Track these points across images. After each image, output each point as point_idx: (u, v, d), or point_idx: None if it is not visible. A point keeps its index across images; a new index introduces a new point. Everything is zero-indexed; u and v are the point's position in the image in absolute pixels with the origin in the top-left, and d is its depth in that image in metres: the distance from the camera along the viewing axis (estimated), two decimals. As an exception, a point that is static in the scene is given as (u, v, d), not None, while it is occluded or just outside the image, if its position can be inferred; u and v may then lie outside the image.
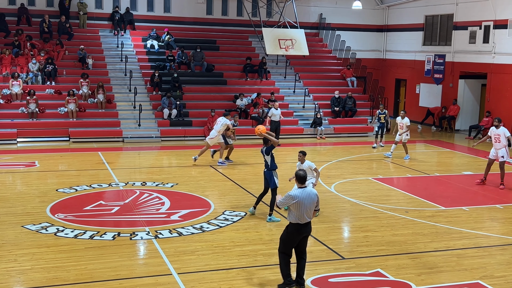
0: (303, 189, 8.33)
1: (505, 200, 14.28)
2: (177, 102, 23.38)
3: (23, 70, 23.66)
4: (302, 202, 8.19)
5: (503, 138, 15.07)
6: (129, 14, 27.78)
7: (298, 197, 8.20)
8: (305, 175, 8.42)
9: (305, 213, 8.24)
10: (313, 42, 29.60)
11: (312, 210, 8.37)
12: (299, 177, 8.37)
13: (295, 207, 8.23)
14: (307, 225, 8.33)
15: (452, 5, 27.04)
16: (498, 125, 15.25)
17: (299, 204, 8.19)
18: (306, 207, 8.23)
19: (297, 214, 8.24)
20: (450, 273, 9.36)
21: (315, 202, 8.37)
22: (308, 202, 8.24)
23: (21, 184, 15.00)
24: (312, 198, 8.30)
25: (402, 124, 19.42)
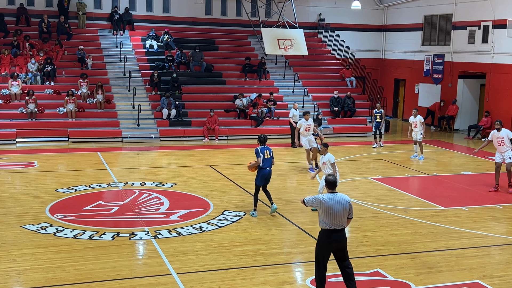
0: (333, 195, 7.91)
1: (504, 200, 14.29)
2: (176, 102, 23.37)
3: (22, 70, 23.64)
4: (330, 208, 7.79)
5: (506, 140, 14.69)
6: (128, 14, 27.77)
7: (326, 202, 7.82)
8: (335, 180, 8.00)
9: (335, 219, 7.82)
10: (312, 42, 29.61)
11: (344, 217, 7.88)
12: (328, 182, 8.00)
13: (323, 212, 7.85)
14: (338, 232, 7.88)
15: (451, 5, 27.06)
16: (500, 128, 14.79)
17: (327, 210, 7.80)
18: (336, 213, 7.80)
19: (326, 220, 7.85)
20: (449, 273, 9.37)
21: (347, 209, 7.89)
22: (338, 208, 7.81)
23: (20, 184, 14.99)
24: (343, 204, 7.84)
25: (415, 122, 19.08)
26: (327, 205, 7.82)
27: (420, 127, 19.02)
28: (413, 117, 19.23)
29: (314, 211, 12.97)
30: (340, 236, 7.93)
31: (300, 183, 15.91)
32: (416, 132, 19.12)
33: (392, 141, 23.95)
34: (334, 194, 7.95)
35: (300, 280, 9.10)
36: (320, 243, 8.00)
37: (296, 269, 9.59)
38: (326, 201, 7.84)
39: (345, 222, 7.97)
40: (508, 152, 14.75)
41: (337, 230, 7.89)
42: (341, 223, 7.89)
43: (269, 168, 12.32)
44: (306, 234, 11.18)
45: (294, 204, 13.38)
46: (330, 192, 7.97)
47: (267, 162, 12.27)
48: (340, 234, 7.93)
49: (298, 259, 9.98)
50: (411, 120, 19.32)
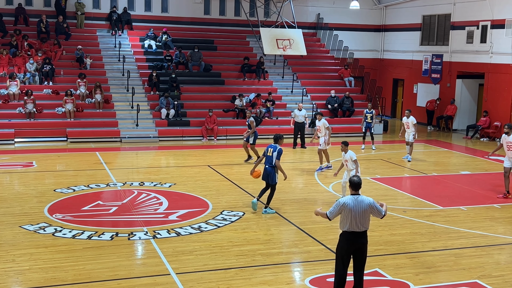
0: (355, 196, 7.82)
1: (503, 199, 14.29)
2: (175, 102, 23.37)
3: (21, 70, 23.63)
4: (351, 210, 7.70)
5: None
6: (127, 14, 27.76)
7: (347, 203, 7.75)
8: (359, 181, 7.88)
9: (356, 221, 7.73)
10: (310, 42, 29.62)
11: (366, 219, 7.80)
12: (352, 183, 7.89)
13: (344, 214, 7.78)
14: (359, 235, 7.81)
15: (449, 5, 27.08)
16: (509, 132, 14.05)
17: (348, 212, 7.73)
18: (357, 215, 7.72)
19: (347, 222, 7.78)
20: (448, 272, 9.37)
21: (368, 211, 7.79)
22: (359, 210, 7.72)
23: (19, 184, 14.97)
24: (363, 206, 7.75)
25: (408, 123, 18.89)
26: (348, 207, 7.75)
27: (413, 128, 18.77)
28: (406, 118, 19.05)
29: (313, 212, 12.98)
30: (360, 239, 7.85)
31: (300, 183, 15.90)
32: (408, 133, 18.92)
33: (391, 141, 23.97)
34: (357, 196, 7.87)
35: (299, 280, 9.10)
36: (341, 244, 7.93)
37: (295, 269, 9.59)
38: (348, 203, 7.78)
39: (367, 224, 7.87)
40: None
41: (356, 233, 7.82)
42: (361, 225, 7.81)
43: (267, 166, 12.46)
44: (305, 234, 11.18)
45: (293, 204, 13.39)
46: (353, 194, 7.92)
47: (267, 160, 12.47)
48: (360, 236, 7.85)
49: (297, 259, 9.98)
50: (403, 121, 19.16)
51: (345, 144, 13.13)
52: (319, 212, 8.11)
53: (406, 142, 19.23)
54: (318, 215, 8.11)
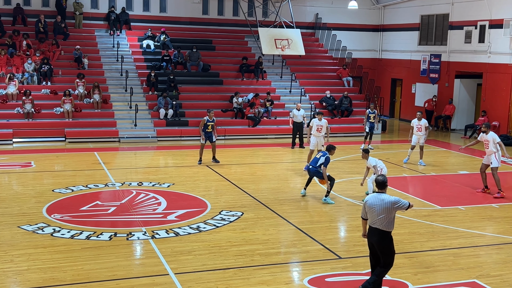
0: (378, 195, 8.16)
1: (501, 199, 14.31)
2: (173, 102, 23.36)
3: (19, 70, 23.60)
4: (370, 207, 8.10)
5: (491, 144, 14.37)
6: (125, 14, 27.74)
7: (367, 201, 8.18)
8: (384, 180, 8.21)
9: (373, 218, 8.07)
10: (309, 42, 29.62)
11: (385, 218, 8.00)
12: (377, 182, 8.26)
13: (367, 210, 8.20)
14: (376, 232, 8.08)
15: (447, 5, 27.10)
16: (486, 131, 14.49)
17: (368, 208, 8.15)
18: (376, 213, 8.03)
19: (369, 217, 8.21)
20: (447, 272, 9.38)
21: (389, 208, 7.98)
22: (379, 208, 8.00)
23: (17, 184, 14.96)
24: (383, 205, 7.99)
25: (420, 126, 18.14)
26: (367, 204, 8.18)
27: (425, 131, 18.22)
28: (417, 120, 18.31)
29: (312, 212, 12.99)
30: (375, 236, 8.12)
31: (298, 183, 15.90)
32: (420, 136, 18.24)
33: (389, 141, 23.99)
34: (379, 194, 8.18)
35: (297, 280, 9.10)
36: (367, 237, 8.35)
37: (293, 269, 9.59)
38: (368, 200, 8.22)
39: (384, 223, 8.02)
40: (492, 155, 14.42)
41: (373, 229, 8.13)
42: (378, 222, 8.06)
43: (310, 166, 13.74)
44: (304, 234, 11.19)
45: (291, 204, 13.39)
46: (378, 192, 8.23)
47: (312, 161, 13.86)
48: (375, 233, 8.11)
49: (296, 259, 9.98)
50: (414, 124, 18.39)
51: (366, 152, 13.76)
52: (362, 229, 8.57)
53: (412, 145, 18.42)
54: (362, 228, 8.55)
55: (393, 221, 8.11)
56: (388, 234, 8.10)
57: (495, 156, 14.44)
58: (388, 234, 8.10)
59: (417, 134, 18.29)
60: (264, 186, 15.25)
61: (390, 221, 8.06)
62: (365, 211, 8.28)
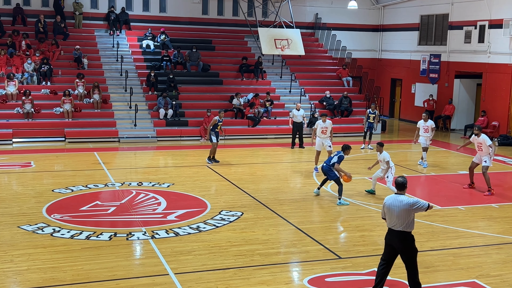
0: (396, 196, 8.12)
1: (501, 199, 14.33)
2: (173, 102, 23.36)
3: (19, 70, 23.60)
4: (389, 208, 8.06)
5: (484, 147, 14.68)
6: (125, 14, 27.74)
7: (385, 202, 8.16)
8: (404, 181, 8.14)
9: (393, 220, 8.03)
10: (308, 42, 29.62)
11: (404, 219, 7.97)
12: (397, 183, 8.21)
13: (386, 212, 8.18)
14: (395, 234, 8.05)
15: (447, 5, 27.11)
16: (478, 133, 14.80)
17: (386, 209, 8.12)
18: (394, 214, 8.00)
19: (387, 219, 8.18)
20: (447, 272, 9.39)
21: (406, 210, 7.95)
22: (397, 210, 7.97)
23: (17, 184, 14.96)
24: (401, 207, 7.96)
25: (427, 127, 17.96)
26: (386, 205, 8.16)
27: (431, 133, 18.08)
28: (424, 122, 18.11)
29: (312, 212, 12.99)
30: (395, 237, 8.08)
31: (298, 183, 15.91)
32: (426, 138, 18.06)
33: (389, 141, 23.98)
34: (397, 195, 8.14)
35: (297, 280, 9.10)
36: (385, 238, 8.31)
37: (293, 269, 9.59)
38: (386, 201, 8.19)
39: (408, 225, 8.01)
40: (485, 156, 14.79)
41: (393, 231, 8.09)
42: (398, 224, 8.01)
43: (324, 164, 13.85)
44: (303, 234, 11.19)
45: (291, 204, 13.39)
46: (396, 193, 8.17)
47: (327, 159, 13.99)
48: (395, 234, 8.07)
49: (296, 259, 9.98)
50: (420, 125, 18.18)
51: (380, 145, 14.26)
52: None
53: (424, 147, 18.16)
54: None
55: (413, 222, 8.10)
56: (409, 235, 8.07)
57: (488, 157, 14.75)
58: (409, 234, 8.07)
59: (424, 135, 18.13)
60: (264, 186, 15.26)
61: (410, 222, 8.04)
62: (384, 212, 8.28)
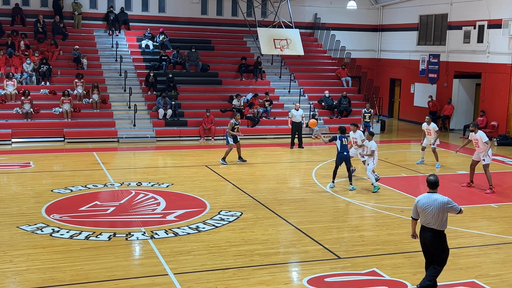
0: (429, 194, 8.24)
1: (500, 199, 14.34)
2: (172, 102, 23.35)
3: (18, 71, 23.58)
4: (423, 207, 8.15)
5: (481, 143, 14.80)
6: (124, 14, 27.73)
7: (418, 201, 8.24)
8: (436, 180, 8.28)
9: (427, 218, 8.14)
10: (308, 42, 29.63)
11: (439, 217, 8.10)
12: (428, 182, 8.31)
13: (419, 211, 8.26)
14: (429, 231, 8.19)
15: (446, 5, 27.12)
16: (475, 130, 14.92)
17: (420, 209, 8.21)
18: (430, 213, 8.10)
19: (421, 217, 8.27)
20: (446, 272, 9.37)
21: (441, 208, 8.10)
22: (432, 208, 8.10)
23: (16, 184, 14.95)
24: (436, 205, 8.10)
25: (429, 130, 18.17)
26: (419, 204, 8.24)
27: (434, 135, 18.08)
28: (427, 125, 18.20)
29: (311, 212, 12.99)
30: (429, 236, 8.19)
31: (297, 183, 15.91)
32: (429, 140, 18.18)
33: (388, 141, 24.00)
34: (431, 194, 8.25)
35: (296, 280, 9.11)
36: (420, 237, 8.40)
37: (293, 269, 9.60)
38: (419, 199, 8.28)
39: (441, 224, 8.13)
40: (483, 153, 14.85)
41: (426, 228, 8.20)
42: (432, 222, 8.13)
43: (345, 153, 14.88)
44: (303, 234, 11.19)
45: (290, 204, 13.40)
46: (429, 192, 8.28)
47: (344, 148, 14.88)
48: (429, 233, 8.18)
49: (295, 259, 9.99)
50: (424, 128, 18.32)
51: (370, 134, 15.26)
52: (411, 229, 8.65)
53: (423, 147, 18.47)
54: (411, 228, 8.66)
55: (446, 221, 8.21)
56: (442, 233, 8.19)
57: (486, 153, 14.81)
58: (442, 232, 8.19)
59: (427, 138, 18.31)
60: (263, 186, 15.26)
61: (444, 221, 8.16)
62: (416, 211, 8.31)
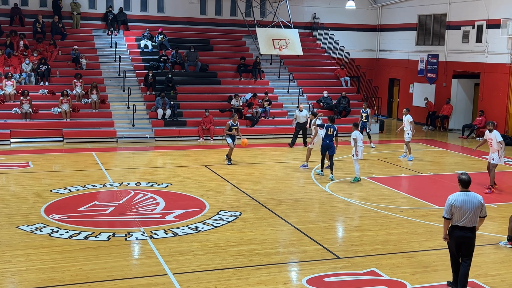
0: (465, 193, 8.26)
1: (499, 199, 14.35)
2: (171, 102, 23.35)
3: (16, 71, 23.57)
4: (462, 206, 8.14)
5: (494, 143, 14.73)
6: (123, 14, 27.72)
7: (456, 200, 8.19)
8: (468, 179, 8.31)
9: (465, 217, 8.15)
10: (306, 42, 29.64)
11: (476, 215, 8.19)
12: (462, 181, 8.31)
13: (458, 210, 8.19)
14: (468, 230, 8.22)
15: (445, 5, 27.13)
16: (491, 129, 14.89)
17: (459, 208, 8.16)
18: (467, 211, 8.13)
19: (455, 217, 8.21)
20: (445, 271, 9.39)
21: (479, 207, 8.21)
22: (469, 206, 8.14)
23: (15, 185, 14.94)
24: (474, 203, 8.18)
25: (404, 122, 19.22)
26: (457, 203, 8.18)
27: (408, 127, 18.97)
28: (404, 116, 19.29)
29: (311, 212, 12.99)
30: (469, 235, 8.24)
31: (296, 183, 15.91)
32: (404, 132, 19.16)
33: (387, 141, 24.02)
34: (467, 192, 8.27)
35: (296, 280, 9.11)
36: (450, 238, 8.37)
37: (292, 268, 9.60)
38: (456, 198, 8.22)
39: (476, 221, 8.23)
40: (495, 153, 14.81)
41: (466, 228, 8.22)
42: (472, 221, 8.20)
43: (328, 141, 16.05)
44: (302, 234, 11.20)
45: (290, 204, 13.40)
46: (463, 191, 8.30)
47: (328, 138, 16.10)
48: (469, 233, 8.24)
49: (294, 259, 9.99)
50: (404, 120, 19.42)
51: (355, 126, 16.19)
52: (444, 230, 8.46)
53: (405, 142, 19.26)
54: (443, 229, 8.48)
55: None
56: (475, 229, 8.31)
57: (498, 154, 14.78)
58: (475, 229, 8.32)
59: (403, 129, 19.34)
60: (262, 186, 15.26)
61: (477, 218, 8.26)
62: (451, 211, 8.24)
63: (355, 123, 16.34)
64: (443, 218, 8.40)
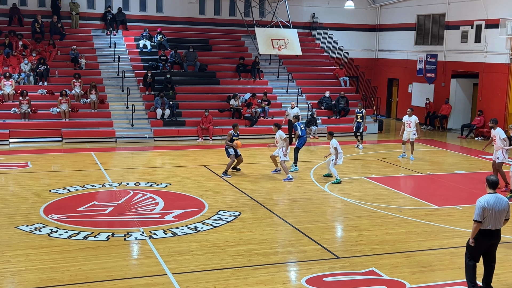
0: (495, 195, 8.19)
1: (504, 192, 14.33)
2: (170, 102, 23.35)
3: (15, 71, 23.55)
4: (495, 209, 8.07)
5: (498, 140, 14.81)
6: (122, 14, 27.71)
7: (488, 203, 8.08)
8: (496, 180, 8.26)
9: (494, 219, 8.09)
10: (305, 42, 29.65)
11: (502, 217, 8.15)
12: (491, 182, 8.26)
13: (491, 213, 8.09)
14: (496, 232, 8.19)
15: (444, 5, 27.15)
16: (494, 127, 14.99)
17: (492, 211, 8.07)
18: (496, 213, 8.08)
19: (487, 220, 8.09)
20: (444, 271, 9.40)
21: (506, 209, 8.15)
22: (498, 209, 8.09)
23: (14, 185, 14.93)
24: (502, 205, 8.13)
25: (410, 122, 19.04)
26: (488, 206, 8.07)
27: (414, 127, 18.99)
28: (408, 117, 19.16)
29: (310, 211, 12.99)
30: (495, 236, 8.23)
31: (296, 183, 15.90)
32: (409, 132, 19.07)
33: (386, 141, 24.03)
34: (495, 194, 8.23)
35: (295, 279, 9.11)
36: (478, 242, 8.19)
37: (291, 268, 9.60)
38: (487, 202, 8.09)
39: (502, 222, 8.20)
40: (499, 151, 14.86)
41: (493, 231, 8.18)
42: (500, 222, 8.18)
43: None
44: (301, 234, 11.20)
45: (289, 204, 13.40)
46: (491, 193, 8.24)
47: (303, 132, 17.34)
48: (495, 234, 8.22)
49: (293, 259, 9.99)
50: (405, 120, 19.27)
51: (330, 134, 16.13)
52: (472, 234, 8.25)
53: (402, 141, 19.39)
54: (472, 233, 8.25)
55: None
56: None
57: (502, 151, 14.76)
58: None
59: (407, 130, 19.17)
60: (261, 186, 15.26)
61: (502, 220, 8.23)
62: (483, 214, 8.06)
63: (331, 132, 16.24)
64: (474, 221, 8.12)
